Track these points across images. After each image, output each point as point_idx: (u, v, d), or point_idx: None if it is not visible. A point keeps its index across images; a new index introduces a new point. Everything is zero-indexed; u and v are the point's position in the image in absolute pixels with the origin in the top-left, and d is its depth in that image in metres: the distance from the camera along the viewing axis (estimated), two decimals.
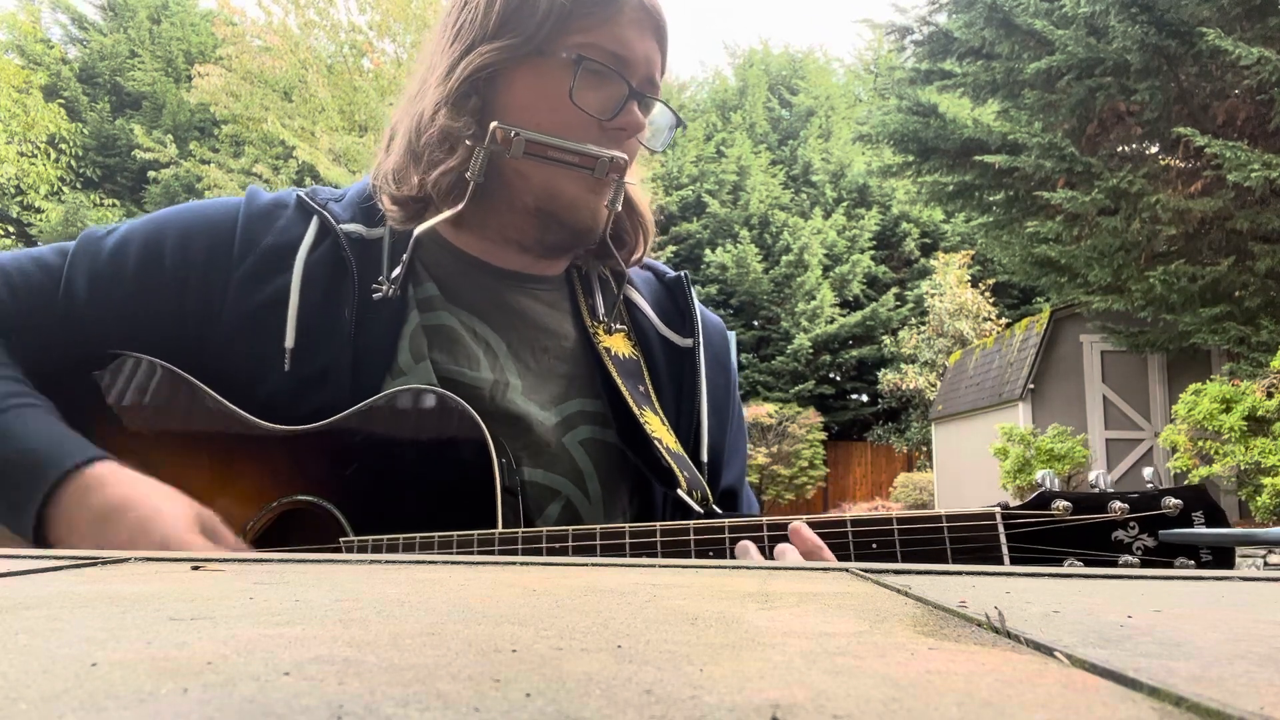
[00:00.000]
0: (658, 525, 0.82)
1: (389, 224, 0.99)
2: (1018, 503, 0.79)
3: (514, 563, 0.62)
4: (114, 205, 19.03)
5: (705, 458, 1.04)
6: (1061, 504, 0.77)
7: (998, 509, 0.79)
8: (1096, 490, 0.78)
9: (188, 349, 0.94)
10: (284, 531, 0.89)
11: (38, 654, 0.27)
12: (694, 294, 1.14)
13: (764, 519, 0.82)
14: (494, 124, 0.92)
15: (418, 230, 0.94)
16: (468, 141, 0.94)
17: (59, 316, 0.94)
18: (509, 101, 0.95)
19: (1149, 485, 0.77)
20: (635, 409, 0.96)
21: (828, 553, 0.79)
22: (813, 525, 0.81)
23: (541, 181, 0.95)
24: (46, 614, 0.35)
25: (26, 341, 0.94)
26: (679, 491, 0.94)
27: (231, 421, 0.90)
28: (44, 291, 0.94)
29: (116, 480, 0.82)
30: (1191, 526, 0.74)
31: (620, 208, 0.97)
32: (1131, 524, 0.75)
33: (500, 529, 0.83)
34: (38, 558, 0.60)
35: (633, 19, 0.95)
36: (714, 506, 1.00)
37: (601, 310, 1.06)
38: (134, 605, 0.38)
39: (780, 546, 0.80)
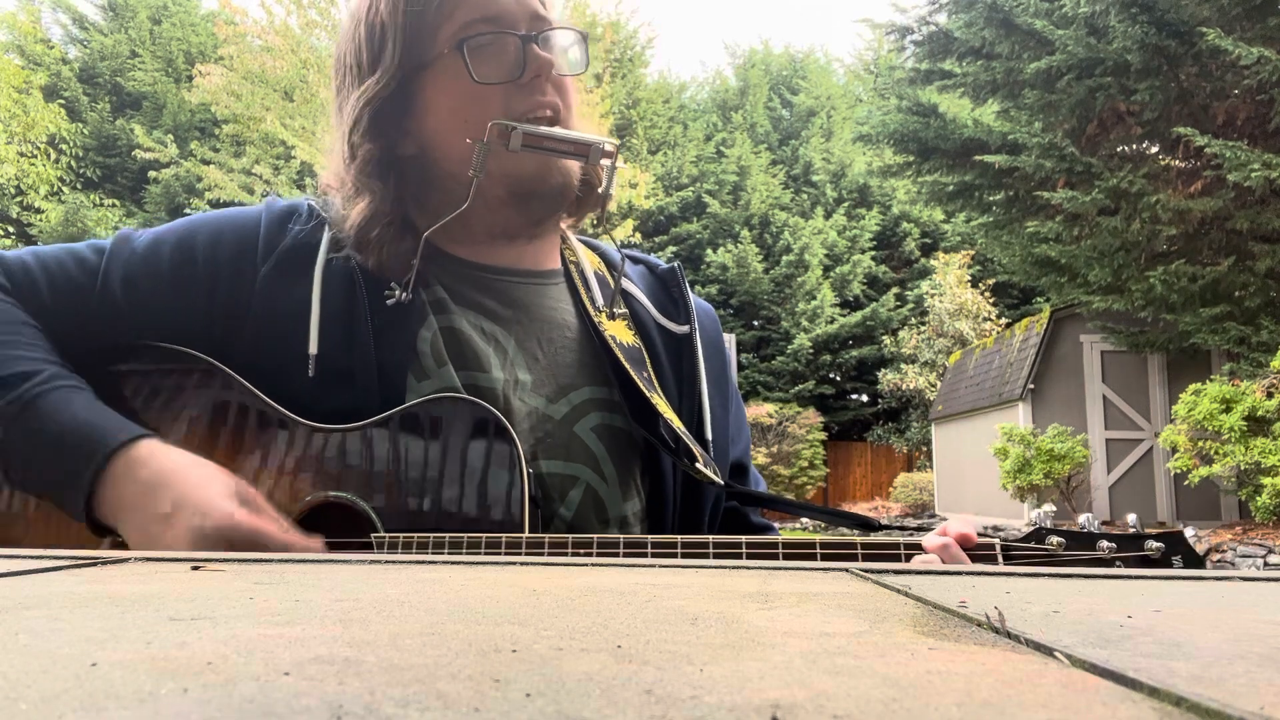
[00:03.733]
0: (678, 538, 0.85)
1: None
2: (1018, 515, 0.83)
3: (514, 563, 0.62)
4: (114, 205, 19.03)
5: (711, 436, 1.09)
6: (1055, 540, 0.83)
7: (997, 541, 0.84)
8: (1086, 530, 0.85)
9: (216, 345, 0.98)
10: (317, 527, 0.92)
11: (38, 654, 0.27)
12: (686, 283, 1.18)
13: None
14: (491, 122, 0.94)
15: (426, 233, 0.97)
16: (377, 184, 0.97)
17: (94, 312, 0.97)
18: (433, 120, 0.98)
19: (1132, 529, 0.85)
20: (645, 391, 0.99)
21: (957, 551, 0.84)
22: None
23: (499, 168, 0.97)
24: (46, 614, 0.35)
25: (61, 334, 0.97)
26: (697, 465, 0.97)
27: (272, 415, 0.94)
28: (81, 287, 0.98)
29: (161, 455, 0.88)
30: (1171, 568, 0.81)
31: (613, 192, 1.00)
32: (1117, 563, 0.82)
33: (527, 534, 0.87)
34: (38, 558, 0.60)
35: None
36: (728, 480, 1.04)
37: (600, 300, 1.09)
38: (134, 605, 0.38)
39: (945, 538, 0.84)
